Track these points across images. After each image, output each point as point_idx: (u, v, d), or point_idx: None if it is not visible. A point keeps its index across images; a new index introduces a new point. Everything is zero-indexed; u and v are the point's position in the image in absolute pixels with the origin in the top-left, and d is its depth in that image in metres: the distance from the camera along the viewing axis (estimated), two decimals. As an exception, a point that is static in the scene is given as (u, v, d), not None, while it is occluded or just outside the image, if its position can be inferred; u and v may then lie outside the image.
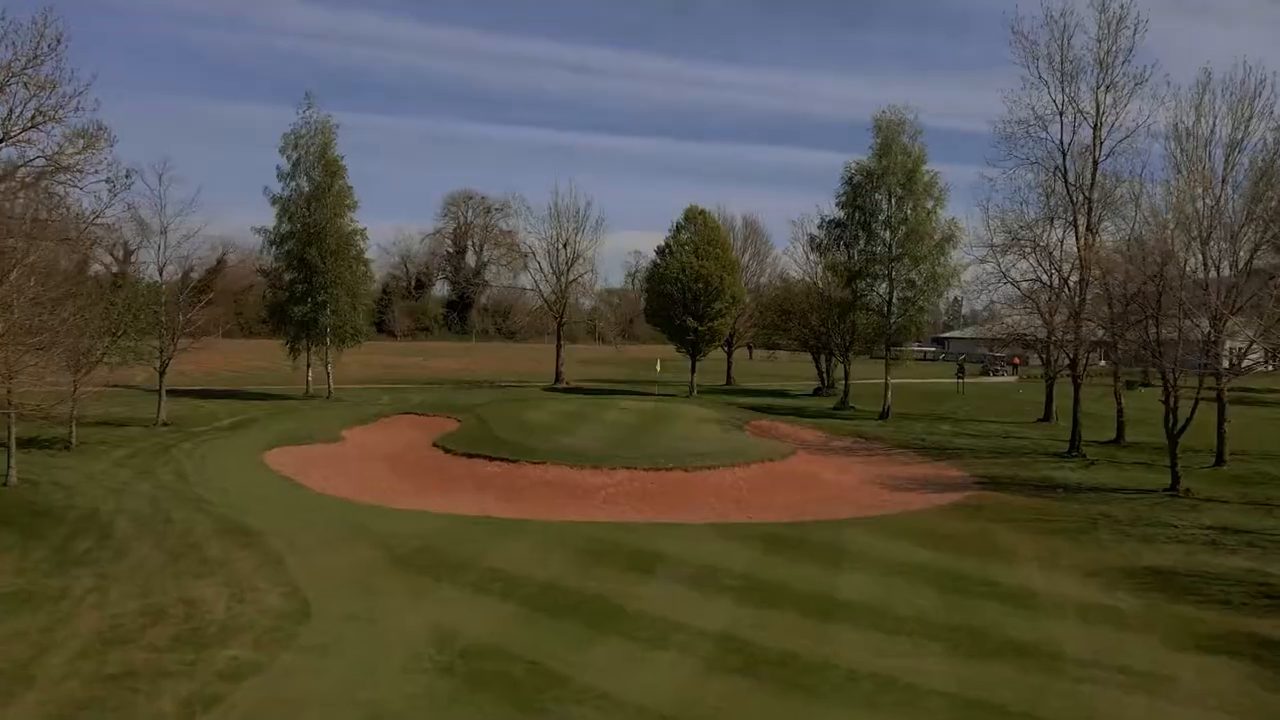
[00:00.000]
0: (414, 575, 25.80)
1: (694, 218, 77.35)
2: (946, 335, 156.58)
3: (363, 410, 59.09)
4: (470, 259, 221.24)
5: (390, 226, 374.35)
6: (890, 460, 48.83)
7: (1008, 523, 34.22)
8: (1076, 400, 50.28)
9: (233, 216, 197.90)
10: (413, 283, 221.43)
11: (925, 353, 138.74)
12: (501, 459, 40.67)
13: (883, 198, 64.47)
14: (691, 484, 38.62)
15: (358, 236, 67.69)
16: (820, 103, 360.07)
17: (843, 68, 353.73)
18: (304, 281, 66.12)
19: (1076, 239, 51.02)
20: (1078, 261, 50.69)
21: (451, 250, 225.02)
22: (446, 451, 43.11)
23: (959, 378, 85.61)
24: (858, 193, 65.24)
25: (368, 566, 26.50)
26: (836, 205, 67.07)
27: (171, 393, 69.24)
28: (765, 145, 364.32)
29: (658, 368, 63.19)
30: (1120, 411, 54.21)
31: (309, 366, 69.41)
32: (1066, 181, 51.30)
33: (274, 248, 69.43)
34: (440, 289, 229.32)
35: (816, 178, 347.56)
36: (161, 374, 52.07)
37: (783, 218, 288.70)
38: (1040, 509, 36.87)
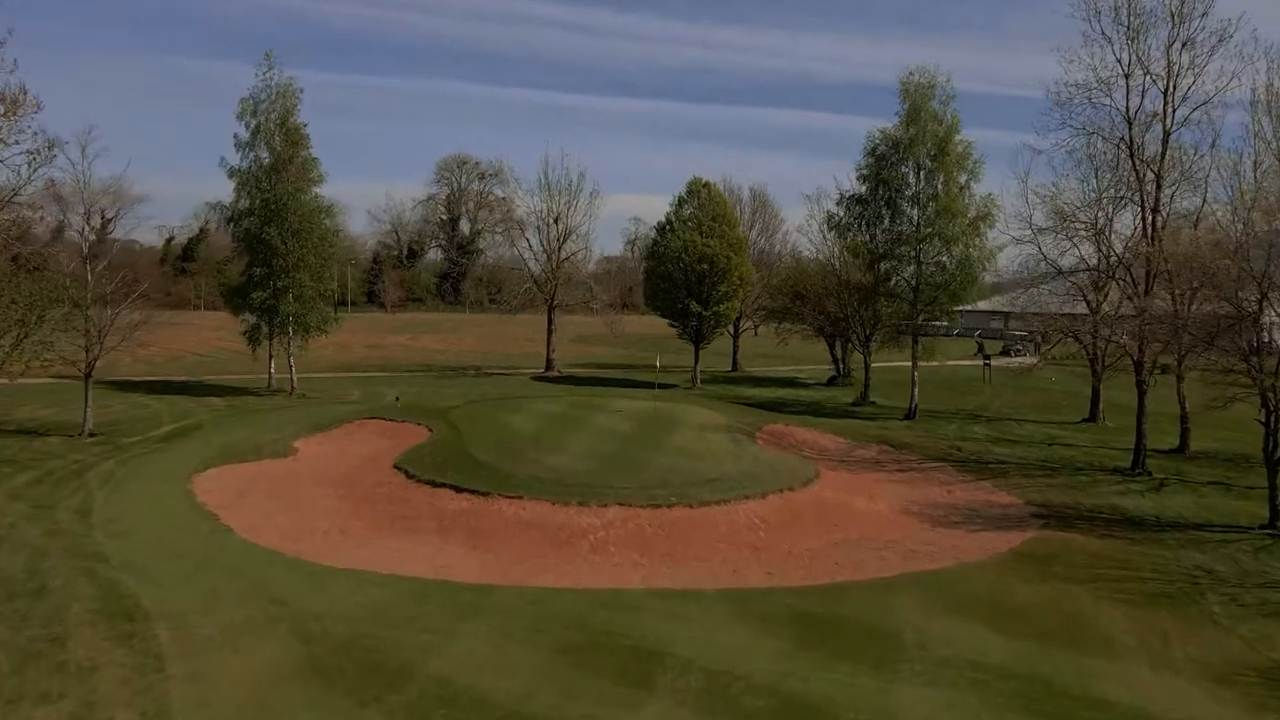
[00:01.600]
0: (332, 694, 19.28)
1: (697, 190, 70.32)
2: (960, 308, 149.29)
3: (324, 412, 52.36)
4: (464, 226, 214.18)
5: (381, 191, 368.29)
6: (926, 479, 42.26)
7: (1089, 583, 27.70)
8: (1141, 409, 43.59)
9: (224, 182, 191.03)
10: (404, 251, 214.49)
11: (939, 327, 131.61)
12: (471, 490, 33.97)
13: (910, 170, 57.38)
14: (698, 525, 32.01)
15: (323, 215, 60.59)
16: (822, 63, 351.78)
17: (846, 27, 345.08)
18: (263, 264, 59.22)
19: (1143, 221, 44.09)
20: (1143, 247, 43.77)
21: (445, 217, 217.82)
22: (409, 476, 36.44)
23: (984, 362, 78.83)
24: (882, 165, 58.08)
25: (274, 677, 19.94)
26: (857, 179, 59.96)
27: (122, 385, 63.03)
28: (768, 107, 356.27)
29: (657, 364, 56.63)
30: (1184, 416, 47.65)
31: (271, 358, 62.73)
32: (1133, 154, 44.20)
33: (231, 225, 62.58)
34: (434, 255, 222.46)
35: (826, 140, 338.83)
36: (88, 376, 45.21)
37: (791, 182, 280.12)
38: (1122, 559, 30.33)
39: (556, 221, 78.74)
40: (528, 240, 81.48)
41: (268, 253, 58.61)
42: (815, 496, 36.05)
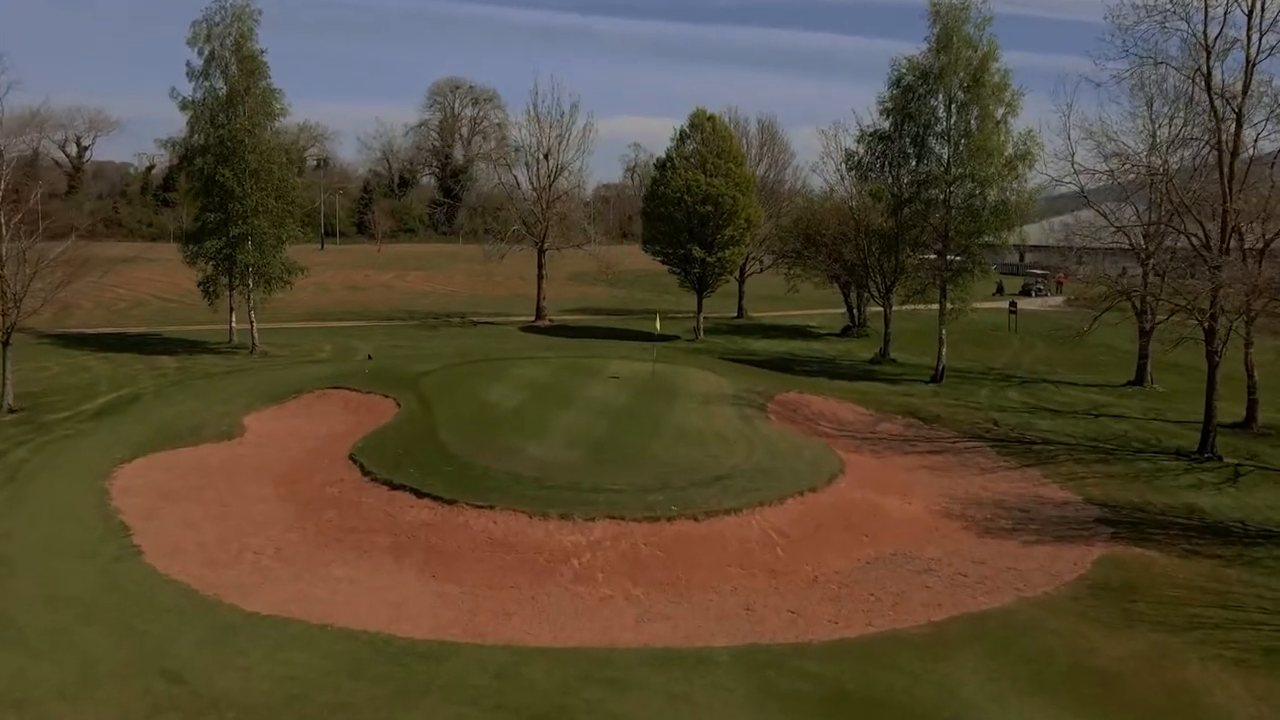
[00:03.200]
0: None
1: (700, 124, 63.95)
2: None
3: (284, 377, 46.80)
4: (458, 153, 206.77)
5: (371, 116, 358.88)
6: (964, 465, 36.92)
7: (1188, 632, 22.34)
8: (1212, 384, 37.98)
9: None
10: (396, 180, 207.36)
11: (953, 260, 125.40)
12: (434, 496, 28.52)
13: (940, 104, 51.09)
14: (704, 543, 26.64)
15: (281, 152, 54.42)
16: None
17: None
18: (218, 209, 53.29)
19: (1220, 167, 37.96)
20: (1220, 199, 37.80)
21: (437, 144, 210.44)
22: (365, 473, 31.00)
23: (1010, 310, 73.14)
24: (908, 97, 51.75)
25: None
26: (880, 113, 53.72)
27: (68, 340, 57.66)
28: (774, 28, 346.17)
29: (656, 326, 51.13)
30: (1252, 386, 42.17)
31: (232, 310, 57.15)
32: (1209, 88, 37.96)
33: (187, 165, 56.63)
34: (428, 181, 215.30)
35: (834, 62, 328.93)
36: (4, 344, 39.51)
37: (800, 102, 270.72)
38: (1218, 591, 25.00)
39: (546, 157, 72.42)
40: (515, 178, 75.50)
41: (223, 195, 52.68)
42: (841, 498, 30.63)
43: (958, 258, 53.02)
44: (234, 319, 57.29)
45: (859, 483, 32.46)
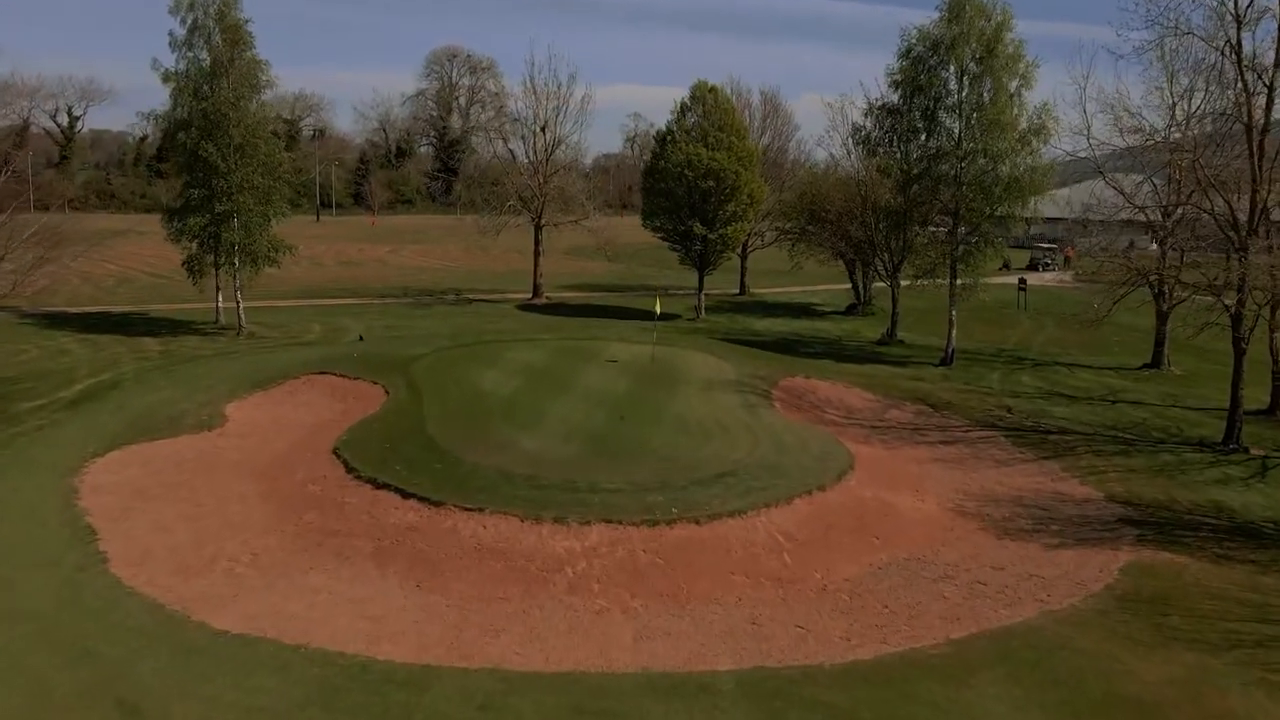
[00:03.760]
0: None
1: (702, 96, 61.81)
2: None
3: (271, 361, 45.08)
4: (455, 123, 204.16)
5: (368, 85, 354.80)
6: (977, 456, 35.27)
7: (1226, 652, 20.72)
8: (1238, 371, 36.23)
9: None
10: (393, 151, 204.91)
11: (962, 235, 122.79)
12: (420, 497, 26.93)
13: (951, 76, 49.08)
14: (706, 548, 25.05)
15: (267, 126, 52.54)
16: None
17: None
18: (202, 185, 51.40)
19: (1249, 146, 36.04)
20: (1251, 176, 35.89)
21: (435, 114, 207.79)
22: (348, 470, 29.38)
23: (1019, 287, 71.27)
24: (918, 69, 49.75)
25: None
26: (889, 85, 51.65)
27: (51, 320, 56.00)
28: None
29: (656, 309, 49.34)
30: (1277, 373, 40.44)
31: (219, 289, 55.38)
32: (1239, 62, 35.95)
33: (170, 139, 54.71)
34: (425, 149, 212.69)
35: (826, 30, 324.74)
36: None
37: (802, 76, 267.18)
38: (1255, 603, 23.36)
39: (544, 130, 70.38)
40: (511, 152, 73.49)
41: (206, 171, 50.79)
42: (851, 496, 29.01)
43: (964, 229, 51.08)
44: (220, 298, 55.53)
45: (869, 478, 30.80)
